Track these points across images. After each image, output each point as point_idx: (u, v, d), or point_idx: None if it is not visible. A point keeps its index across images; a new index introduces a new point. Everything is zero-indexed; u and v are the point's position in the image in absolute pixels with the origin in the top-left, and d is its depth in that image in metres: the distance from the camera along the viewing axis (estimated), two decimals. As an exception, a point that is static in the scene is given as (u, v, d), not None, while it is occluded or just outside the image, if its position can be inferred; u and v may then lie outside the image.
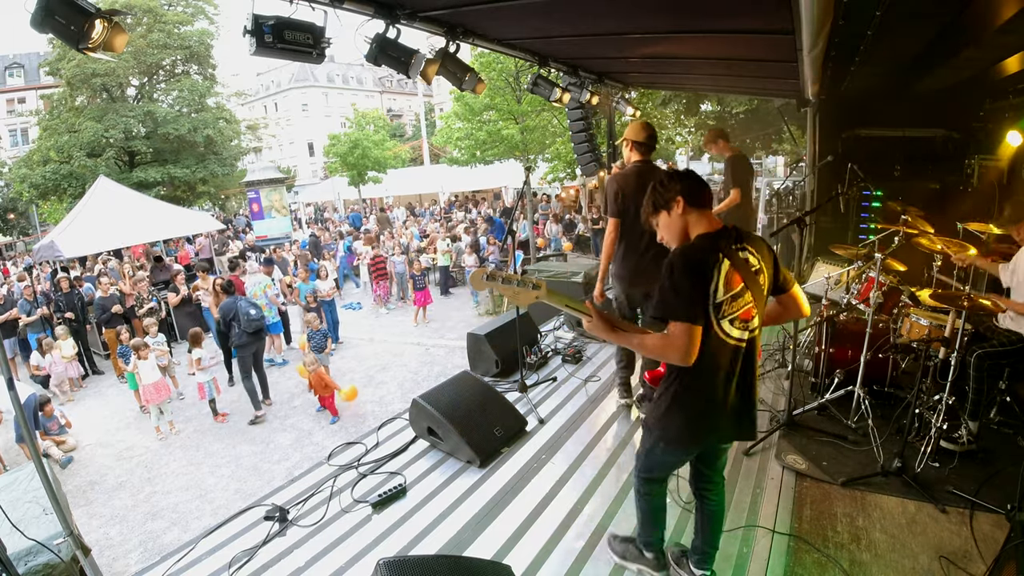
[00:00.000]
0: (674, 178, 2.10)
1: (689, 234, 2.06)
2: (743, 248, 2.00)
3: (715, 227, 2.03)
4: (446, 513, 3.18)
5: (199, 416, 7.08)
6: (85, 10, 2.69)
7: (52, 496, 2.49)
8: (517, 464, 3.59)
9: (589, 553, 2.75)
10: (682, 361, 1.90)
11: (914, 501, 2.92)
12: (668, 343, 1.91)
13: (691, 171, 2.12)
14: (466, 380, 4.19)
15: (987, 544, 2.59)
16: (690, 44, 5.22)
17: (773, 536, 2.73)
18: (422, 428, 3.94)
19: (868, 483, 3.08)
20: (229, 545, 3.11)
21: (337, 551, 2.96)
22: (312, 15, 3.45)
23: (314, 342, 7.62)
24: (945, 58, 4.78)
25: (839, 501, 2.98)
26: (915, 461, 3.16)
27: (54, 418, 6.55)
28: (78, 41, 2.71)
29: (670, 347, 1.91)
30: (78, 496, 5.44)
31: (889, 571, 2.51)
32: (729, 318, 1.96)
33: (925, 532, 2.73)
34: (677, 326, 1.89)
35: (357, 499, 3.38)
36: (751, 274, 1.99)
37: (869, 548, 2.64)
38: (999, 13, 3.38)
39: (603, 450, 3.68)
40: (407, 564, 2.14)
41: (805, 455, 3.36)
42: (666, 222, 2.10)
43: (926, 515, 2.84)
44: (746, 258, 2.00)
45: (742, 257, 1.98)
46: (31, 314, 8.88)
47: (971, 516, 2.78)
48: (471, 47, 5.89)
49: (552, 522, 3.00)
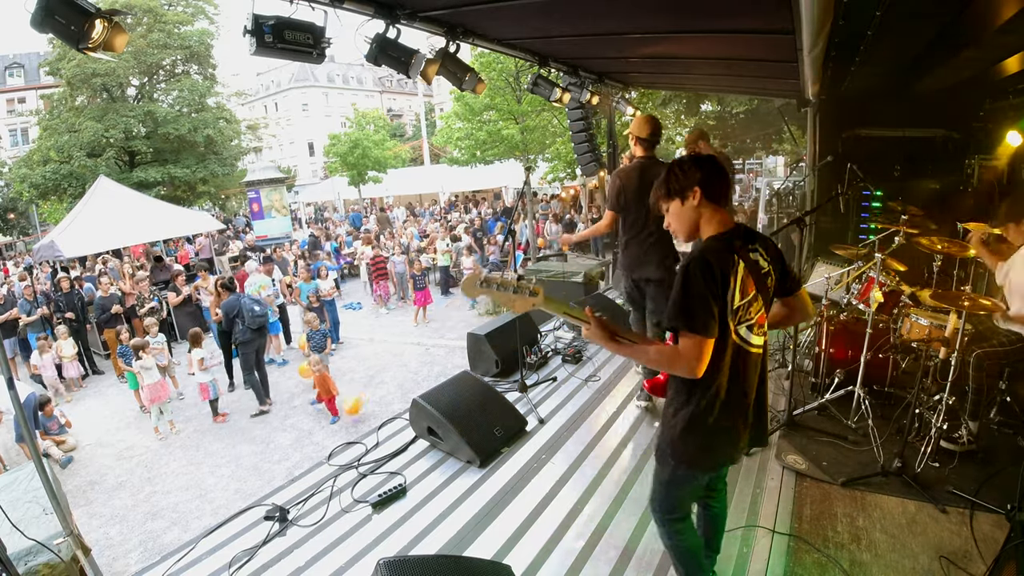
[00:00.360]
0: (695, 165, 1.93)
1: (700, 229, 1.93)
2: (754, 249, 1.90)
3: (728, 225, 1.90)
4: (446, 513, 3.18)
5: (199, 416, 7.07)
6: (85, 10, 2.69)
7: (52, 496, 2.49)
8: (517, 464, 3.59)
9: (589, 553, 2.75)
10: (689, 375, 1.78)
11: (914, 501, 2.92)
12: (677, 356, 1.78)
13: (712, 158, 1.96)
14: (466, 380, 4.19)
15: (987, 544, 2.59)
16: (690, 44, 5.22)
17: (773, 536, 2.73)
18: (422, 428, 3.94)
19: (868, 483, 3.08)
20: (229, 545, 3.11)
21: (337, 551, 2.96)
22: (312, 15, 3.45)
23: (314, 342, 7.63)
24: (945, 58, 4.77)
25: (839, 501, 2.98)
26: (915, 461, 3.16)
27: (54, 418, 6.55)
28: (78, 41, 2.71)
29: (679, 360, 1.77)
30: (78, 496, 5.44)
31: (889, 571, 2.51)
32: (747, 324, 1.85)
33: (925, 532, 2.73)
34: (689, 339, 1.75)
35: (357, 499, 3.38)
36: (761, 276, 1.89)
37: (869, 548, 2.64)
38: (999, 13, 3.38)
39: (603, 450, 3.68)
40: (407, 564, 2.14)
41: (805, 455, 3.36)
42: (678, 211, 1.94)
43: (926, 515, 2.84)
44: (756, 259, 1.89)
45: (753, 259, 1.88)
46: (31, 314, 8.88)
47: (971, 516, 2.78)
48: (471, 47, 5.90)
49: (552, 522, 3.00)
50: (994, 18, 3.46)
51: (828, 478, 3.15)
